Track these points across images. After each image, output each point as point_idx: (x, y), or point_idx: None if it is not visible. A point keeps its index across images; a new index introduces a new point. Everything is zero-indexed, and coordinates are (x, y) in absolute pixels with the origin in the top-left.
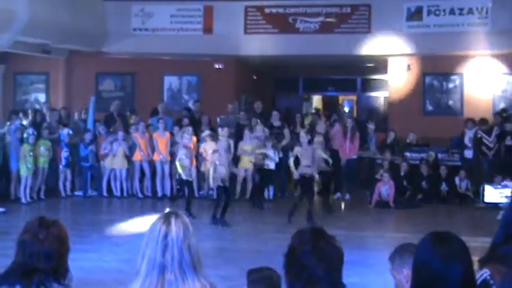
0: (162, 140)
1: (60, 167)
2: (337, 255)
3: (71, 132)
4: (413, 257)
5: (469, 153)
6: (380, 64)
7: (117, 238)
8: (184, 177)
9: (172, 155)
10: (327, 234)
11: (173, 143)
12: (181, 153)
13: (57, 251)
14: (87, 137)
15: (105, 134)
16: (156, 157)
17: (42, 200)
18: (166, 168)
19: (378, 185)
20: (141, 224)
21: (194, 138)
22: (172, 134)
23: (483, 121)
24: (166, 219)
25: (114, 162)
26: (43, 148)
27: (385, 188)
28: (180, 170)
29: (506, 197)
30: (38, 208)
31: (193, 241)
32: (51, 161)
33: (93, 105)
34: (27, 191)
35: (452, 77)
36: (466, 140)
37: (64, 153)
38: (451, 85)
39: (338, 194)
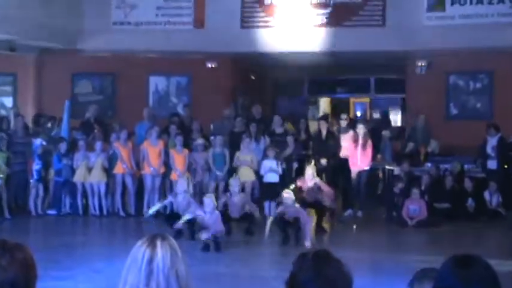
0: (154, 150)
1: (31, 181)
2: (344, 282)
3: (44, 142)
4: (433, 283)
5: (492, 164)
6: (396, 62)
7: (95, 263)
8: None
9: (167, 166)
10: (332, 258)
11: (166, 153)
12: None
13: (24, 279)
14: (62, 147)
15: (83, 144)
16: (147, 169)
17: (7, 220)
18: (157, 182)
19: (407, 202)
20: (123, 247)
21: (185, 150)
22: (165, 144)
23: None
24: (151, 242)
25: (92, 175)
26: (0, 161)
27: (415, 209)
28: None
29: None
30: (2, 230)
31: (181, 268)
32: (16, 175)
33: (68, 111)
34: None
35: (480, 76)
36: (489, 149)
37: (36, 166)
38: (478, 85)
39: (349, 211)
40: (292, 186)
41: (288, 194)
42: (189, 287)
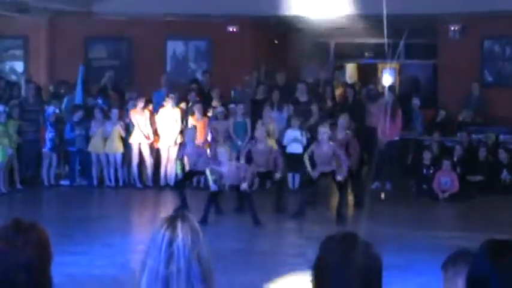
0: (170, 118)
1: (44, 150)
2: (373, 266)
3: (57, 110)
4: (467, 267)
5: None
6: (427, 25)
7: (111, 238)
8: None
9: (183, 135)
10: (360, 241)
11: (183, 120)
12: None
13: (39, 260)
14: (76, 115)
15: (100, 112)
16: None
17: (19, 191)
18: (173, 152)
19: (438, 174)
20: (140, 220)
21: (205, 118)
22: (183, 111)
23: None
24: (171, 223)
25: (108, 145)
26: (12, 130)
27: (446, 181)
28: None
29: None
30: (13, 201)
31: (204, 250)
32: (28, 144)
33: (82, 76)
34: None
35: None
36: None
37: (49, 135)
38: None
39: (376, 184)
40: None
41: (324, 129)
42: (211, 269)
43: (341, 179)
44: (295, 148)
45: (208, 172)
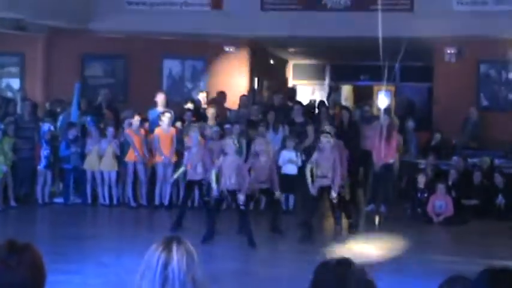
0: (166, 137)
1: (39, 168)
2: None
3: (52, 127)
4: None
5: None
6: (424, 49)
7: (104, 257)
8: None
9: (179, 154)
10: (355, 267)
11: (180, 141)
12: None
13: (33, 280)
14: (71, 133)
15: (95, 130)
16: (158, 158)
17: (13, 208)
18: (169, 171)
19: (432, 198)
20: (134, 239)
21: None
22: (178, 130)
23: None
24: (166, 246)
25: (103, 163)
26: (7, 147)
27: (441, 205)
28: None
29: None
30: (7, 219)
31: (198, 273)
32: (23, 161)
33: (78, 94)
34: None
35: None
36: None
37: (44, 152)
38: (511, 75)
39: (371, 206)
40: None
41: (326, 138)
42: None
43: (335, 195)
44: (290, 169)
45: (213, 175)
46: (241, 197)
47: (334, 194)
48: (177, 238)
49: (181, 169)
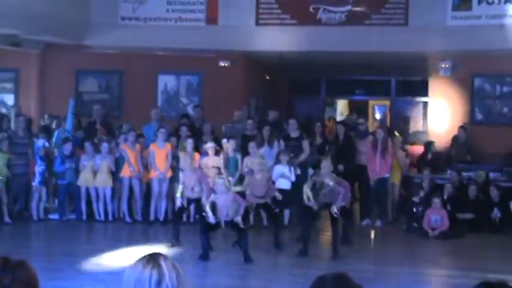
0: (161, 152)
1: (34, 184)
2: None
3: (46, 143)
4: None
5: None
6: (419, 63)
7: (99, 273)
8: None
9: (174, 170)
10: (352, 283)
11: (174, 156)
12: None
13: None
14: (66, 148)
15: (90, 146)
16: (153, 174)
17: (7, 225)
18: (165, 187)
19: (428, 212)
20: (130, 255)
21: (196, 154)
22: (173, 146)
23: None
24: (154, 261)
25: (97, 179)
26: (1, 163)
27: (436, 219)
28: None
29: None
30: (1, 235)
31: (188, 286)
32: (17, 177)
33: (73, 110)
34: None
35: (508, 79)
36: None
37: (39, 168)
38: (506, 89)
39: (367, 221)
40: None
41: (326, 163)
42: None
43: (336, 211)
44: (283, 184)
45: (207, 206)
46: (237, 219)
47: (335, 209)
48: (161, 254)
49: (180, 187)
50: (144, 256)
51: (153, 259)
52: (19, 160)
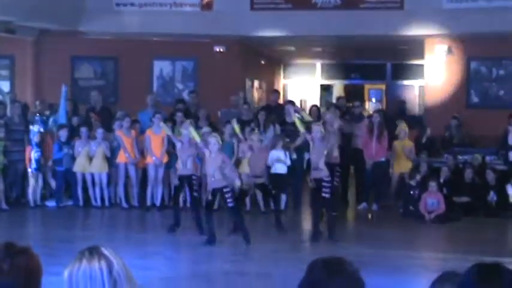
0: (157, 138)
1: (30, 170)
2: None
3: (41, 129)
4: None
5: None
6: (415, 47)
7: None
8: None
9: (170, 156)
10: (347, 265)
11: (170, 142)
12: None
13: (23, 286)
14: (62, 135)
15: (85, 131)
16: (149, 159)
17: (4, 211)
18: (160, 172)
19: (424, 195)
20: (126, 241)
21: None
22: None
23: None
24: (97, 253)
25: (93, 165)
26: None
27: (433, 202)
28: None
29: None
30: None
31: (125, 264)
32: (13, 164)
33: (65, 96)
34: None
35: (504, 62)
36: (511, 140)
37: (35, 154)
38: (502, 72)
39: (363, 205)
40: None
41: (318, 126)
42: (132, 278)
43: (327, 195)
44: (279, 168)
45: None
46: (237, 182)
47: (325, 195)
48: (96, 246)
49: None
50: (83, 252)
51: (95, 251)
52: (15, 147)
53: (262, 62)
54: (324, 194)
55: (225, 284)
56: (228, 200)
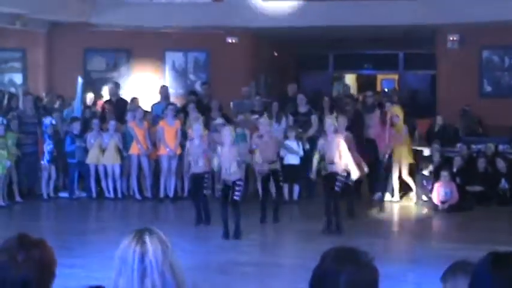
0: (170, 129)
1: (43, 163)
2: (370, 279)
3: (54, 122)
4: (468, 279)
5: None
6: (427, 36)
7: (109, 250)
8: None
9: (183, 147)
10: (357, 256)
11: (183, 133)
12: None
13: (37, 278)
14: (75, 127)
15: (97, 123)
16: (163, 151)
17: (18, 203)
18: (174, 164)
19: (437, 185)
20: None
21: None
22: (182, 122)
23: None
24: (139, 238)
25: (105, 157)
26: (10, 142)
27: (446, 192)
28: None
29: None
30: (13, 214)
31: (174, 259)
32: (26, 156)
33: (82, 88)
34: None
35: None
36: None
37: (47, 147)
38: None
39: (378, 195)
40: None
41: (331, 120)
42: (185, 280)
43: (338, 189)
44: (292, 159)
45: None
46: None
47: (337, 188)
48: (148, 229)
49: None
50: (132, 233)
51: (138, 235)
52: (28, 139)
53: (275, 54)
54: (336, 188)
55: (240, 274)
56: (236, 193)
